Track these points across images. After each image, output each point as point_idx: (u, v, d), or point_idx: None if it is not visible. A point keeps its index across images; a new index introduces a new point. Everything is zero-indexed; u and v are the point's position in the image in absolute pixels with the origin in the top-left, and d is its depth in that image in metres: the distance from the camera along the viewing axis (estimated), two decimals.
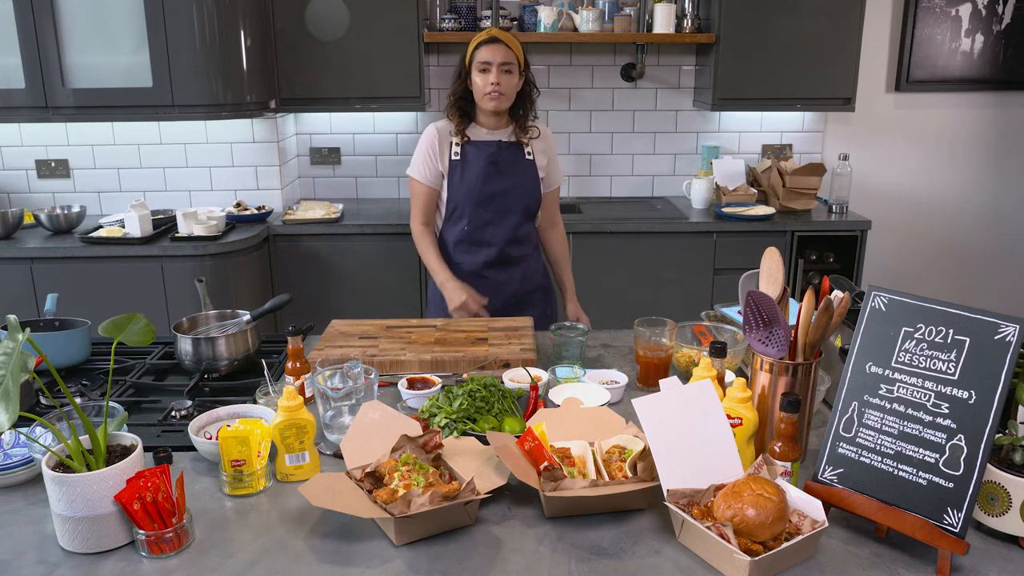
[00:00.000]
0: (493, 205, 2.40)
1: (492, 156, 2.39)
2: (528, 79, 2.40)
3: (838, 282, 1.74)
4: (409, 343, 1.87)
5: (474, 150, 2.39)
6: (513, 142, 2.42)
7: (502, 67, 2.29)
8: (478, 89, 2.32)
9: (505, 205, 2.41)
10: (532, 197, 2.46)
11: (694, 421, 1.25)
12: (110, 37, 3.12)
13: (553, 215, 2.59)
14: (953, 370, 1.14)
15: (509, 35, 2.34)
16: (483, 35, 2.32)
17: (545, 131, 2.50)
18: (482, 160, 2.38)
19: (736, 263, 3.45)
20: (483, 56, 2.28)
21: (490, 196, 2.39)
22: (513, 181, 2.41)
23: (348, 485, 1.24)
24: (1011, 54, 3.96)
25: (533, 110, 2.44)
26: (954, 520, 1.10)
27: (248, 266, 3.28)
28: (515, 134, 2.42)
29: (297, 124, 3.87)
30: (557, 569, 1.13)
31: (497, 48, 2.29)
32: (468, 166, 2.39)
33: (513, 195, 2.41)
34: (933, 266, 4.26)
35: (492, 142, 2.40)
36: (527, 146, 2.43)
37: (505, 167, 2.40)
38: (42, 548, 1.18)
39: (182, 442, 1.47)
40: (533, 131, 2.45)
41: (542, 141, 2.48)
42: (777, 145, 4.00)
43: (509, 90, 2.33)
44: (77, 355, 1.84)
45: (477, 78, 2.31)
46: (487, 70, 2.29)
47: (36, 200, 3.62)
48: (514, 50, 2.31)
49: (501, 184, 2.39)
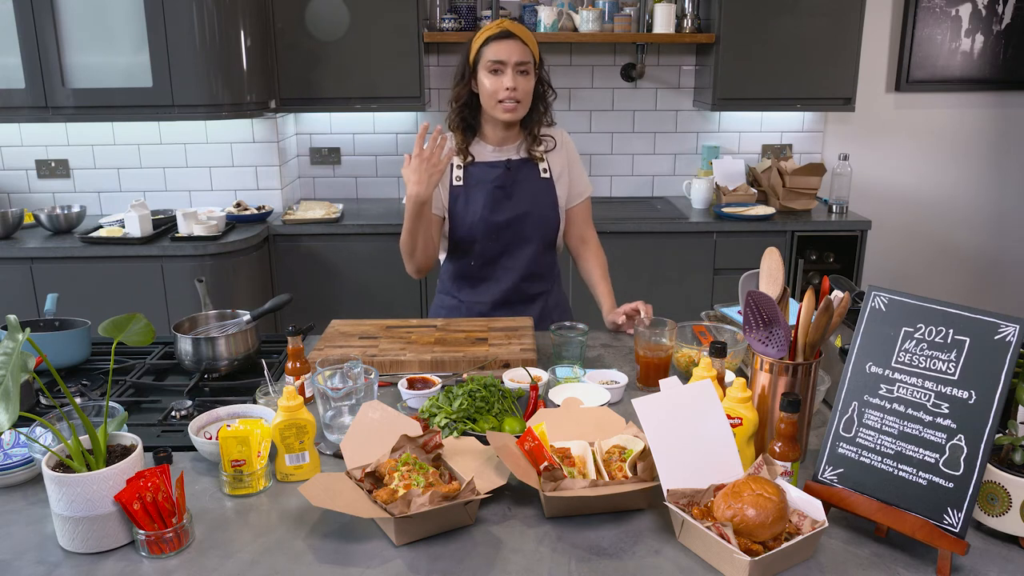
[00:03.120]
0: (504, 236, 2.05)
1: (499, 179, 2.03)
2: (542, 78, 2.03)
3: (838, 282, 1.74)
4: (409, 343, 1.87)
5: (478, 173, 2.04)
6: (524, 159, 2.06)
7: (518, 67, 1.92)
8: (487, 95, 1.96)
9: (519, 235, 2.05)
10: (551, 222, 2.09)
11: (694, 421, 1.25)
12: (110, 37, 3.12)
13: (584, 232, 2.18)
14: (953, 370, 1.14)
15: (523, 28, 1.97)
16: (493, 28, 1.94)
17: (562, 138, 2.14)
18: (488, 185, 2.02)
19: (736, 263, 3.45)
20: (494, 54, 1.92)
21: (499, 226, 2.03)
22: (527, 206, 2.04)
23: (348, 485, 1.24)
24: (1011, 54, 3.96)
25: (548, 116, 2.07)
26: (954, 520, 1.10)
27: (248, 266, 3.28)
28: (526, 148, 2.06)
29: (297, 124, 3.88)
30: (557, 569, 1.13)
31: (512, 45, 1.92)
32: (471, 194, 2.03)
33: (528, 223, 2.05)
34: (933, 266, 4.26)
35: (499, 162, 2.05)
36: (541, 161, 2.07)
37: (516, 190, 2.04)
38: (42, 548, 1.18)
39: (182, 442, 1.47)
40: (548, 142, 2.08)
41: (560, 152, 2.11)
42: (777, 145, 4.00)
43: (526, 95, 1.96)
44: (77, 355, 1.84)
45: (486, 80, 1.95)
46: (500, 71, 1.92)
47: (36, 200, 3.62)
48: (530, 47, 1.96)
49: (512, 211, 2.03)
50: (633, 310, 1.96)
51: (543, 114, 2.07)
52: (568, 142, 2.17)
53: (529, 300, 2.15)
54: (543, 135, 2.09)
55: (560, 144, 2.13)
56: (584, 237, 2.21)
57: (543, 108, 2.06)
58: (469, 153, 2.05)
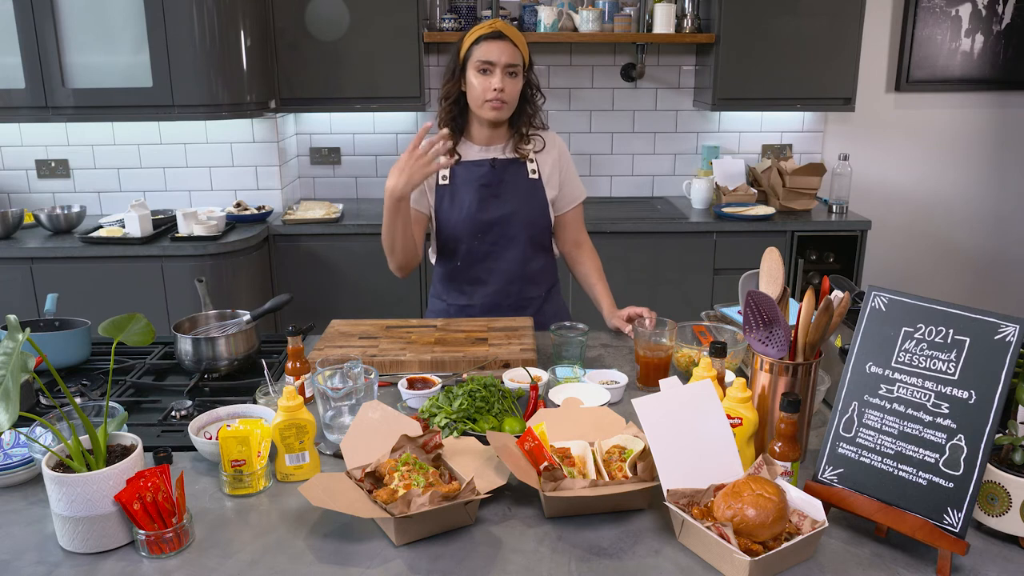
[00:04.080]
0: (490, 236, 2.05)
1: (485, 177, 2.03)
2: (531, 81, 2.04)
3: (838, 282, 1.74)
4: (409, 343, 1.87)
5: (464, 172, 2.04)
6: (511, 159, 2.06)
7: (507, 69, 1.93)
8: (475, 94, 1.96)
9: (505, 235, 2.05)
10: (539, 223, 2.08)
11: (694, 421, 1.25)
12: (110, 37, 3.12)
13: (578, 236, 2.18)
14: (953, 370, 1.14)
15: (514, 29, 1.99)
16: (484, 28, 1.95)
17: (553, 140, 2.12)
18: (474, 183, 2.03)
19: (736, 263, 3.45)
20: (484, 54, 1.93)
21: (486, 225, 2.03)
22: (513, 206, 2.04)
23: (348, 485, 1.24)
24: (1011, 54, 3.96)
25: (536, 117, 2.08)
26: (954, 520, 1.10)
27: (248, 266, 3.28)
28: (513, 147, 2.06)
29: (297, 124, 3.87)
30: (557, 569, 1.13)
31: (503, 46, 1.93)
32: (458, 192, 2.03)
33: (514, 222, 2.05)
34: (933, 266, 4.26)
35: (485, 160, 2.05)
36: (530, 161, 2.07)
37: (503, 189, 2.04)
38: (42, 548, 1.18)
39: (182, 442, 1.47)
40: (536, 142, 2.08)
41: (549, 153, 2.10)
42: (777, 145, 4.00)
43: (513, 97, 1.97)
44: (77, 355, 1.84)
45: (474, 79, 1.95)
46: (488, 71, 1.93)
47: (36, 200, 3.62)
48: (520, 49, 1.97)
49: (498, 210, 2.03)
50: (637, 314, 1.96)
51: (531, 116, 2.07)
52: (561, 145, 2.15)
53: (520, 306, 2.13)
54: (532, 134, 2.08)
55: (551, 146, 2.12)
56: (578, 241, 2.20)
57: (531, 110, 2.06)
58: (456, 152, 2.04)
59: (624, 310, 2.02)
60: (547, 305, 2.19)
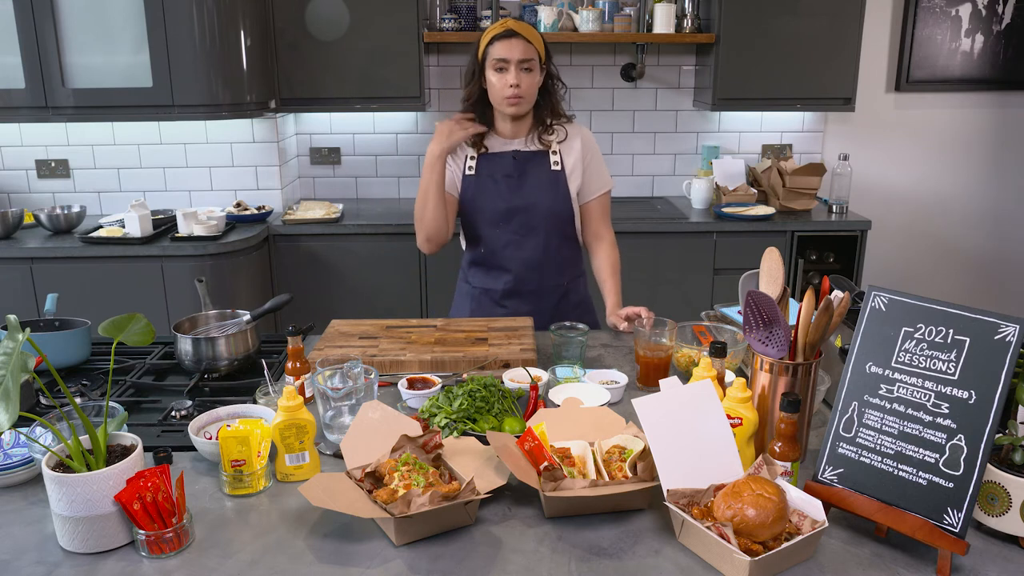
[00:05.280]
0: (512, 225, 2.13)
1: (508, 168, 2.12)
2: (551, 72, 2.13)
3: (838, 282, 1.74)
4: (409, 343, 1.87)
5: (488, 164, 2.13)
6: (534, 151, 2.14)
7: (521, 65, 2.01)
8: (495, 92, 2.05)
9: (526, 224, 2.13)
10: (561, 213, 2.15)
11: (694, 421, 1.25)
12: (110, 37, 3.12)
13: (598, 228, 2.22)
14: (953, 370, 1.14)
15: (527, 26, 2.06)
16: (497, 28, 2.04)
17: (576, 132, 2.18)
18: (497, 174, 2.12)
19: (736, 263, 3.45)
20: (499, 53, 2.01)
21: (508, 214, 2.12)
22: (535, 196, 2.12)
23: (348, 485, 1.24)
24: (1011, 54, 3.96)
25: (559, 108, 2.16)
26: (954, 520, 1.10)
27: (248, 266, 3.28)
28: (537, 137, 2.14)
29: (297, 124, 3.87)
30: (557, 569, 1.13)
31: (515, 43, 2.01)
32: (482, 183, 2.13)
33: (535, 212, 2.12)
34: (933, 266, 4.26)
35: (507, 152, 2.13)
36: (553, 153, 2.14)
37: (525, 180, 2.12)
38: (42, 548, 1.18)
39: (182, 442, 1.47)
40: (558, 133, 2.15)
41: (572, 144, 2.16)
42: (777, 145, 4.00)
43: (530, 92, 2.06)
44: (77, 355, 1.84)
45: (493, 78, 2.04)
46: (504, 69, 2.01)
47: (36, 200, 3.62)
48: (534, 44, 2.04)
49: (520, 200, 2.12)
50: (635, 313, 1.97)
51: (555, 105, 2.15)
52: (586, 137, 2.20)
53: (543, 293, 2.18)
54: (556, 125, 2.15)
55: (574, 137, 2.17)
56: (599, 233, 2.23)
57: (553, 101, 2.15)
58: (483, 145, 2.14)
59: (623, 309, 2.04)
60: (570, 294, 2.23)
